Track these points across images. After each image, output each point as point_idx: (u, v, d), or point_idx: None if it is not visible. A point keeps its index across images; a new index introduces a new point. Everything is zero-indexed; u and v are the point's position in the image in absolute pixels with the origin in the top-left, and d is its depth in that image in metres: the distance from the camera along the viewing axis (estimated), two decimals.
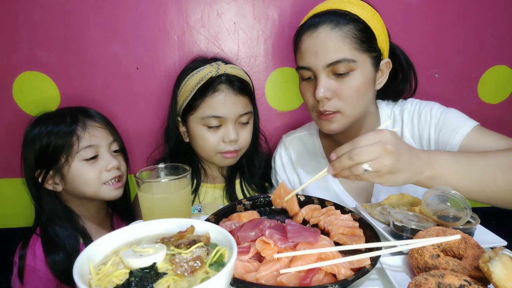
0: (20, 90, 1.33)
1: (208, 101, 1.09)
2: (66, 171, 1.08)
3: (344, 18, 0.92)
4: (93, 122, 1.13)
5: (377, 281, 0.65)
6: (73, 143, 1.07)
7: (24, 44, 1.29)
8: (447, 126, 0.98)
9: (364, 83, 0.94)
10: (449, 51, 1.41)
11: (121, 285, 0.45)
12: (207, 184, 1.26)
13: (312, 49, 0.94)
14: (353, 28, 0.92)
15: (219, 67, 1.12)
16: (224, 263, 0.50)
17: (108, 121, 1.19)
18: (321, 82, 0.93)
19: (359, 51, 0.92)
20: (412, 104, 1.08)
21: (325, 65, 0.92)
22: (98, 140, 1.11)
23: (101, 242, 0.53)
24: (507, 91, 1.49)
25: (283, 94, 1.44)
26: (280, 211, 0.91)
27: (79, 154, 1.08)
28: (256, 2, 1.34)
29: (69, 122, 1.09)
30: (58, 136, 1.07)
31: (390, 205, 0.89)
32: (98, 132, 1.12)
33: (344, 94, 0.94)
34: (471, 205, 0.74)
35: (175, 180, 0.78)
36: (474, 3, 1.37)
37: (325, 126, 1.00)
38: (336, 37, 0.91)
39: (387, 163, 0.69)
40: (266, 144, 1.40)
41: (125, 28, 1.31)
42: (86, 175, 1.09)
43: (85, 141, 1.08)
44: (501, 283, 0.48)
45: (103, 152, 1.12)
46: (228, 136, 1.12)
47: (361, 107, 0.98)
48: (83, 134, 1.09)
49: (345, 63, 0.91)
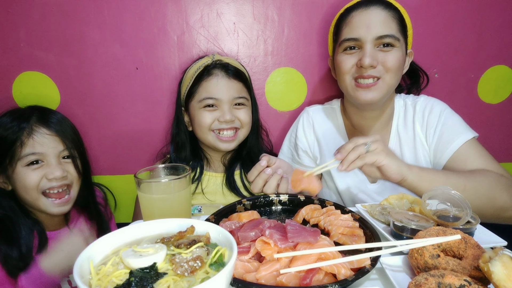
0: (20, 90, 1.33)
1: (204, 85, 1.19)
2: (10, 172, 1.06)
3: (391, 5, 1.08)
4: (42, 129, 1.09)
5: (377, 281, 0.65)
6: (16, 148, 1.05)
7: (24, 44, 1.29)
8: (448, 134, 1.09)
9: (401, 60, 1.08)
10: (449, 51, 1.41)
11: (121, 285, 0.45)
12: (210, 172, 1.32)
13: (365, 22, 1.06)
14: (397, 14, 1.08)
15: (214, 56, 1.24)
16: (224, 263, 0.49)
17: (64, 127, 1.14)
18: (368, 51, 1.05)
19: (401, 33, 1.07)
20: (426, 99, 1.18)
21: (375, 36, 1.05)
22: (45, 148, 1.07)
23: (101, 242, 0.53)
24: (507, 91, 1.49)
25: (283, 94, 1.44)
26: (280, 211, 0.91)
27: (21, 160, 1.05)
28: (255, 2, 1.34)
29: (17, 126, 1.06)
30: (5, 138, 1.05)
31: (390, 205, 0.89)
32: (46, 139, 1.08)
33: (388, 63, 1.06)
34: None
35: (175, 180, 0.78)
36: (474, 3, 1.37)
37: (363, 95, 1.09)
38: (387, 16, 1.06)
39: (381, 144, 0.87)
40: (268, 138, 1.42)
41: (125, 29, 1.31)
42: (25, 180, 1.05)
43: (29, 148, 1.06)
44: (501, 283, 0.48)
45: (50, 160, 1.08)
46: (224, 116, 1.19)
47: (396, 80, 1.10)
48: (27, 140, 1.06)
49: (392, 38, 1.05)
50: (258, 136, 1.34)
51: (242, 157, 1.32)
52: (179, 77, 1.34)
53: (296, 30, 1.37)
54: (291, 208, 0.92)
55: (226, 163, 1.33)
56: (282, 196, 0.93)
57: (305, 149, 1.28)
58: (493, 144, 1.55)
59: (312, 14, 1.36)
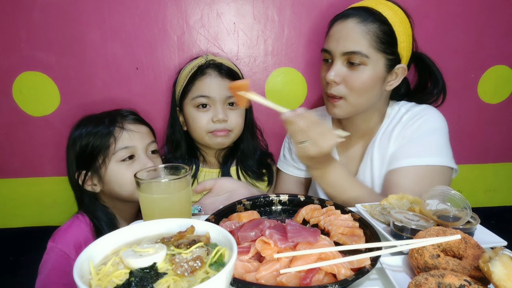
0: (20, 91, 1.33)
1: (197, 84, 1.22)
2: (103, 172, 1.10)
3: (372, 17, 1.00)
4: (131, 124, 1.15)
5: (377, 281, 0.65)
6: (110, 144, 1.09)
7: (24, 44, 1.29)
8: (412, 146, 1.03)
9: (371, 79, 1.01)
10: (449, 51, 1.41)
11: (121, 285, 0.45)
12: (206, 169, 1.36)
13: (336, 35, 1.03)
14: (377, 28, 1.00)
15: (208, 57, 1.26)
16: (224, 263, 0.49)
17: (147, 123, 1.21)
18: (335, 66, 1.03)
19: (375, 49, 1.00)
20: (422, 110, 1.09)
21: (342, 52, 1.01)
22: (135, 141, 1.12)
23: (101, 242, 0.53)
24: (507, 91, 1.49)
25: (283, 94, 1.44)
26: (280, 211, 0.91)
27: (115, 155, 1.09)
28: (255, 2, 1.34)
29: (107, 124, 1.11)
30: (96, 137, 1.09)
31: (390, 205, 0.89)
32: (135, 134, 1.13)
33: (351, 83, 1.02)
34: (471, 205, 0.74)
35: (175, 180, 0.78)
36: (474, 3, 1.37)
37: (330, 109, 1.09)
38: (358, 31, 1.00)
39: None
40: (262, 137, 1.43)
41: (125, 29, 1.31)
42: (122, 176, 1.10)
43: (122, 142, 1.10)
44: (501, 283, 0.48)
45: (140, 154, 1.13)
46: (217, 115, 1.21)
47: (365, 100, 1.05)
48: (121, 135, 1.10)
49: (358, 56, 0.99)
50: (253, 133, 1.37)
51: (237, 154, 1.35)
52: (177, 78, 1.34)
53: (296, 30, 1.37)
54: (291, 208, 0.92)
55: (221, 159, 1.36)
56: (282, 196, 0.93)
57: None
58: (493, 144, 1.55)
59: (312, 14, 1.36)
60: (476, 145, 1.54)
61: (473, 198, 1.60)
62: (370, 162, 1.13)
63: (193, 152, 1.35)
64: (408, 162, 1.01)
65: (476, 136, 1.52)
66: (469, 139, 1.52)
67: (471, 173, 1.57)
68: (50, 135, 1.38)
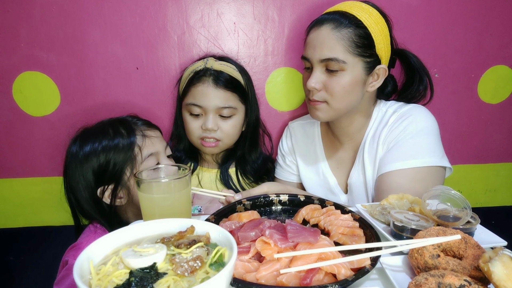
0: (20, 90, 1.33)
1: (192, 91, 1.21)
2: (132, 184, 1.05)
3: (346, 21, 1.00)
4: (147, 130, 1.10)
5: (377, 281, 0.65)
6: (136, 155, 1.04)
7: (24, 44, 1.29)
8: (399, 149, 1.02)
9: (351, 83, 1.02)
10: (449, 51, 1.41)
11: (121, 285, 0.45)
12: (204, 168, 1.37)
13: (313, 42, 1.04)
14: (351, 32, 0.99)
15: (207, 62, 1.24)
16: (224, 263, 0.49)
17: (156, 126, 1.18)
18: (314, 74, 1.03)
19: (352, 54, 1.00)
20: (409, 110, 1.08)
21: (319, 59, 1.02)
22: (157, 146, 1.09)
23: (101, 242, 0.53)
24: (507, 91, 1.49)
25: (283, 94, 1.44)
26: (280, 211, 0.91)
27: (143, 164, 1.04)
28: (256, 2, 1.34)
29: (125, 134, 1.05)
30: (117, 150, 1.03)
31: (390, 205, 0.89)
32: (155, 139, 1.10)
33: (331, 89, 1.02)
34: (471, 205, 0.74)
35: (175, 180, 0.78)
36: (474, 3, 1.37)
37: (313, 112, 1.10)
38: (333, 37, 0.99)
39: None
40: (271, 143, 1.44)
41: (125, 28, 1.31)
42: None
43: (147, 150, 1.06)
44: (501, 283, 0.48)
45: (162, 159, 1.10)
46: (206, 124, 1.21)
47: (347, 103, 1.05)
48: (144, 143, 1.06)
49: (335, 62, 0.99)
50: (255, 138, 1.35)
51: (236, 156, 1.35)
52: (179, 77, 1.34)
53: (297, 30, 1.37)
54: (291, 208, 0.92)
55: (219, 160, 1.36)
56: (282, 196, 0.93)
57: (288, 157, 1.34)
58: (493, 144, 1.55)
59: (312, 14, 1.36)
60: (476, 145, 1.54)
61: (473, 198, 1.60)
62: (362, 166, 1.13)
63: (192, 151, 1.36)
64: (396, 166, 1.01)
65: (476, 136, 1.52)
66: (469, 139, 1.52)
67: (471, 173, 1.57)
68: (50, 135, 1.38)
